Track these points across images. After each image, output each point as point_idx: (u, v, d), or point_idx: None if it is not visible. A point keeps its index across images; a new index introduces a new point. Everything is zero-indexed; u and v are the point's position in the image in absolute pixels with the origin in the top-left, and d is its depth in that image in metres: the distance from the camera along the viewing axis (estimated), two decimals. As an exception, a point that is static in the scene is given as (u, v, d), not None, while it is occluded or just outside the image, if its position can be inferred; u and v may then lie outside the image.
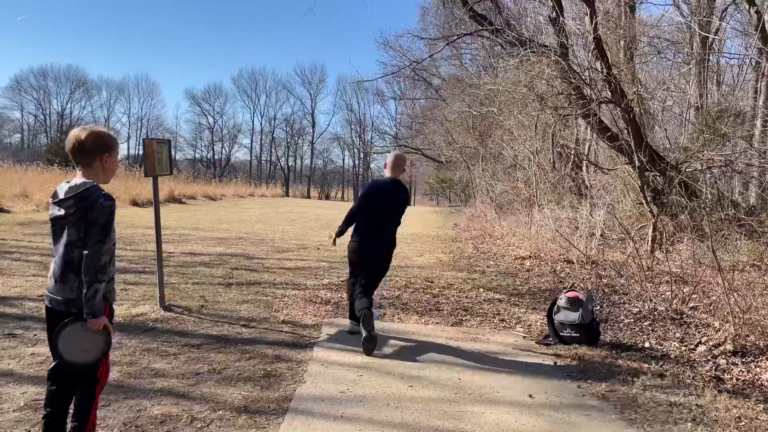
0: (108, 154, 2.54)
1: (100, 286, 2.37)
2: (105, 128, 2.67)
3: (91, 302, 2.36)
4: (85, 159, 2.49)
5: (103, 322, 2.40)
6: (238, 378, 3.72)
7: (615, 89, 10.09)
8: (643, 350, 4.82)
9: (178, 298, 5.81)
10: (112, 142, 2.58)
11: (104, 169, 2.54)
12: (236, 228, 13.50)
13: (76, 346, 2.41)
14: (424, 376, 3.93)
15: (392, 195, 4.90)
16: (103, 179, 2.56)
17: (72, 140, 2.48)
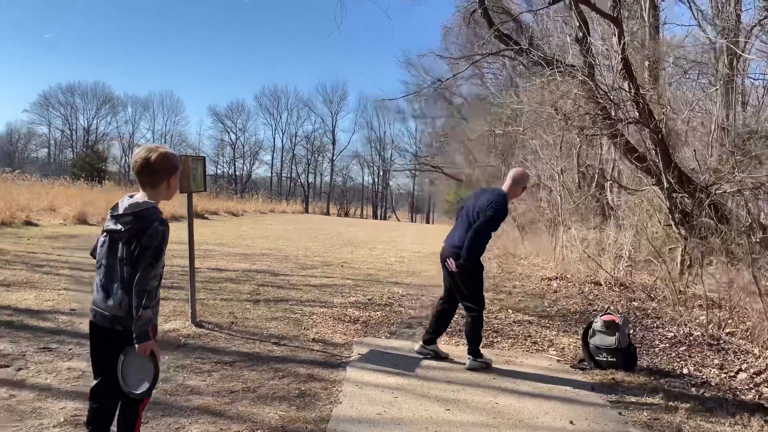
0: (175, 174, 2.56)
1: (146, 312, 2.36)
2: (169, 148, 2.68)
3: (138, 326, 2.35)
4: (152, 179, 2.51)
5: (150, 346, 2.39)
6: (273, 397, 3.69)
7: (643, 109, 10.00)
8: (682, 377, 4.70)
9: (207, 314, 5.81)
10: (178, 162, 2.60)
11: (169, 188, 2.57)
12: (259, 244, 13.55)
13: (136, 374, 2.41)
14: (461, 399, 3.87)
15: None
16: (166, 197, 2.58)
17: (140, 161, 2.48)
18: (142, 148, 2.55)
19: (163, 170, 2.51)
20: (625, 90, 10.60)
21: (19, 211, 13.99)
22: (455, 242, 4.58)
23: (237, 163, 63.76)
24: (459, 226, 4.67)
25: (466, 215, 4.66)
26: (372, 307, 6.73)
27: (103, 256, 2.50)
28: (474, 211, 4.57)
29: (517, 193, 4.75)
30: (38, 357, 4.15)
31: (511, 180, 4.70)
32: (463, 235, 4.51)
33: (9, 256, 8.73)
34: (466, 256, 4.47)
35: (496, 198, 4.53)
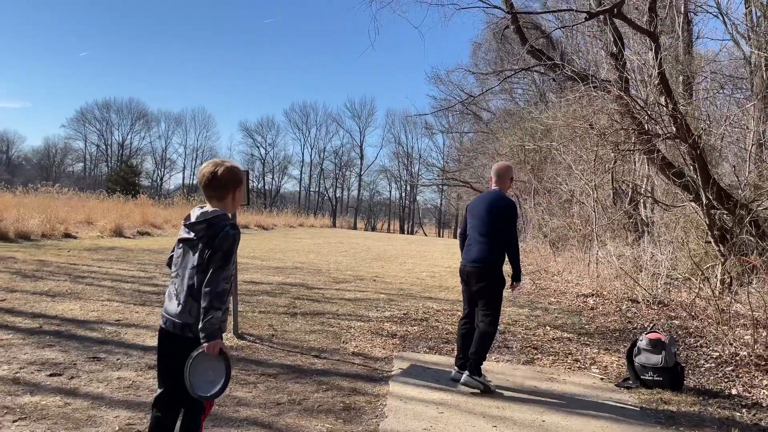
0: (239, 187, 2.65)
1: (216, 313, 2.41)
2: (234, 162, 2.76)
3: (206, 326, 2.40)
4: (219, 192, 2.59)
5: (219, 345, 2.44)
6: (318, 410, 3.71)
7: (680, 125, 9.86)
8: (731, 397, 4.58)
9: (248, 327, 5.88)
10: (242, 175, 2.68)
11: (234, 200, 2.64)
12: (291, 257, 13.67)
13: (204, 377, 2.44)
14: (507, 416, 3.83)
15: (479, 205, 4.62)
16: (231, 209, 2.65)
17: (208, 174, 2.57)
18: (209, 162, 2.63)
19: (229, 183, 2.60)
20: (662, 105, 10.48)
21: (59, 224, 14.38)
22: (474, 257, 4.44)
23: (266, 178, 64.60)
24: (473, 241, 4.51)
25: (477, 226, 4.50)
26: (408, 322, 6.72)
27: (178, 266, 2.58)
28: (483, 219, 4.43)
29: (508, 186, 4.63)
30: (89, 366, 4.24)
31: (496, 176, 4.60)
32: (483, 249, 4.39)
33: (52, 267, 8.96)
34: (516, 270, 4.48)
35: (500, 199, 4.46)
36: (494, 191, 4.60)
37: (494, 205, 4.43)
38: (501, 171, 4.64)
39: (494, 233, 4.39)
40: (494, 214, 4.39)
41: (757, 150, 12.92)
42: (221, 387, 2.50)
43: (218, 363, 2.47)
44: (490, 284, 4.40)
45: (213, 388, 2.48)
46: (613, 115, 11.00)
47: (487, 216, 4.41)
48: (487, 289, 4.41)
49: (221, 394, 2.54)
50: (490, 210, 4.42)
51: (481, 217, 4.47)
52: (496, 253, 4.39)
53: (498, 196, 4.51)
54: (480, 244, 4.43)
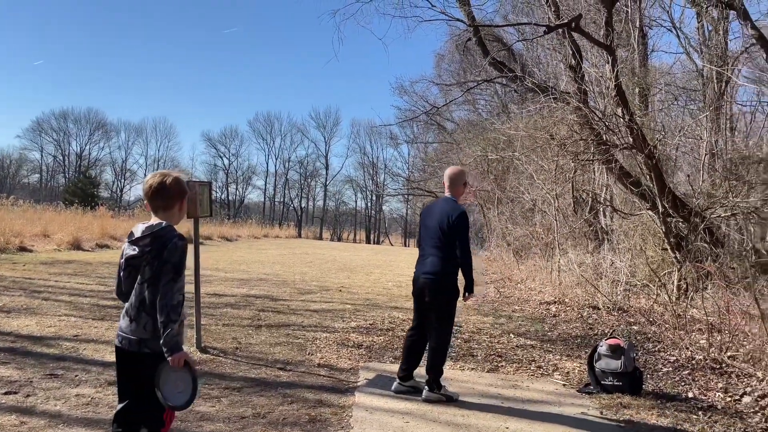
0: (185, 198, 2.65)
1: (174, 325, 2.41)
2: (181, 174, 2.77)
3: (167, 339, 2.39)
4: (166, 203, 2.58)
5: (183, 356, 2.44)
6: (284, 423, 3.68)
7: (637, 135, 10.17)
8: (688, 400, 4.72)
9: (211, 340, 5.79)
10: (187, 187, 2.69)
11: (181, 211, 2.64)
12: (255, 269, 13.53)
13: (174, 389, 2.44)
14: (472, 424, 3.87)
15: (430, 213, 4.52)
16: (177, 221, 2.64)
17: (155, 185, 2.56)
18: (155, 173, 2.65)
19: (176, 194, 2.61)
20: (619, 116, 10.80)
21: (13, 237, 13.91)
22: (427, 269, 4.37)
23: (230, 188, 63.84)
24: (426, 252, 4.43)
25: (429, 237, 4.41)
26: (374, 332, 6.73)
27: (128, 286, 2.55)
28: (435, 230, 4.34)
29: (461, 192, 4.54)
30: (45, 383, 4.12)
31: (449, 182, 4.51)
32: (436, 261, 4.32)
33: (6, 282, 8.67)
34: (468, 281, 4.35)
35: (450, 209, 4.33)
36: (446, 199, 4.50)
37: (446, 215, 4.31)
38: (453, 176, 4.54)
39: (447, 245, 4.30)
40: (445, 225, 4.28)
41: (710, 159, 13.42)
42: (191, 396, 2.52)
43: (185, 374, 2.48)
44: (443, 296, 4.32)
45: (185, 398, 2.50)
46: (572, 125, 11.27)
47: (439, 227, 4.32)
48: (440, 301, 4.33)
49: (192, 402, 2.55)
50: (441, 221, 4.32)
51: (433, 228, 4.37)
52: (449, 264, 4.30)
53: (450, 206, 4.39)
54: (433, 256, 4.36)
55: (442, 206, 4.46)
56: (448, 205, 4.43)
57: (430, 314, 4.41)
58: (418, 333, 4.51)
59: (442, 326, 4.37)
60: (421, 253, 4.52)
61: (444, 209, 4.40)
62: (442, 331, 4.37)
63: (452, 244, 4.29)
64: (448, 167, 4.80)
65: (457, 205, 4.43)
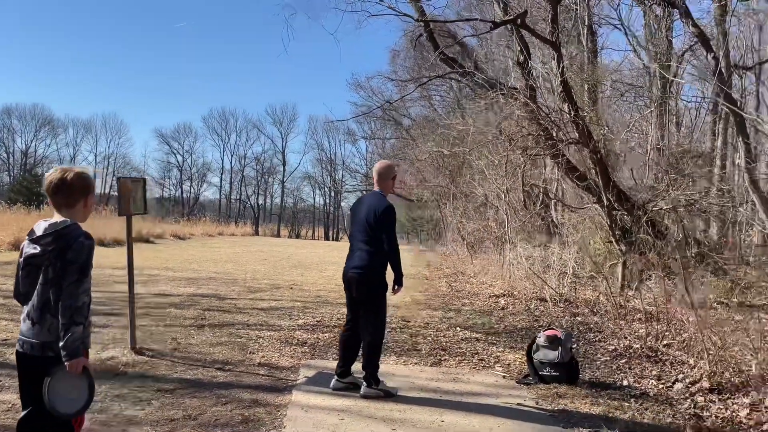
0: (90, 194, 2.53)
1: (77, 329, 2.29)
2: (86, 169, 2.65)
3: (68, 343, 2.28)
4: (69, 199, 2.46)
5: (82, 363, 2.32)
6: (215, 424, 3.59)
7: (582, 130, 10.37)
8: (622, 388, 4.83)
9: (149, 341, 5.62)
10: (92, 182, 2.58)
11: (86, 208, 2.52)
12: (206, 268, 13.26)
13: (65, 395, 2.32)
14: (407, 418, 3.86)
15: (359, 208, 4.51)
16: (82, 218, 2.52)
17: (56, 181, 2.43)
18: (56, 169, 2.52)
19: (79, 190, 2.48)
20: (565, 111, 11.00)
21: (-51, 238, 13.27)
22: (355, 263, 4.37)
23: (184, 186, 62.49)
24: (355, 247, 4.44)
25: (357, 231, 4.41)
26: (320, 329, 6.66)
27: (26, 286, 2.42)
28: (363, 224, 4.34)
29: (389, 186, 4.53)
30: (-38, 391, 3.91)
31: (377, 176, 4.50)
32: (363, 256, 4.32)
33: (-66, 286, 8.24)
34: (398, 274, 4.36)
35: (377, 203, 4.33)
36: (375, 194, 4.49)
37: (373, 210, 4.30)
38: (382, 171, 4.51)
39: (374, 239, 4.29)
40: (372, 220, 4.28)
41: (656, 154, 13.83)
42: (84, 404, 2.40)
43: (81, 381, 2.36)
44: (371, 291, 4.32)
45: (76, 406, 2.38)
46: (520, 121, 11.42)
47: (366, 222, 4.31)
48: (369, 295, 4.33)
49: (84, 411, 2.45)
50: (368, 215, 4.32)
51: (361, 223, 4.37)
52: (377, 259, 4.29)
53: (377, 200, 4.37)
54: (361, 251, 4.35)
55: (370, 200, 4.46)
56: (375, 199, 4.42)
57: (360, 309, 4.41)
58: (352, 328, 4.49)
59: (374, 321, 4.37)
60: (351, 247, 4.51)
61: (371, 203, 4.39)
62: (374, 326, 4.36)
63: (380, 238, 4.29)
64: (378, 161, 4.78)
65: (384, 199, 4.43)
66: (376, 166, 4.62)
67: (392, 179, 4.57)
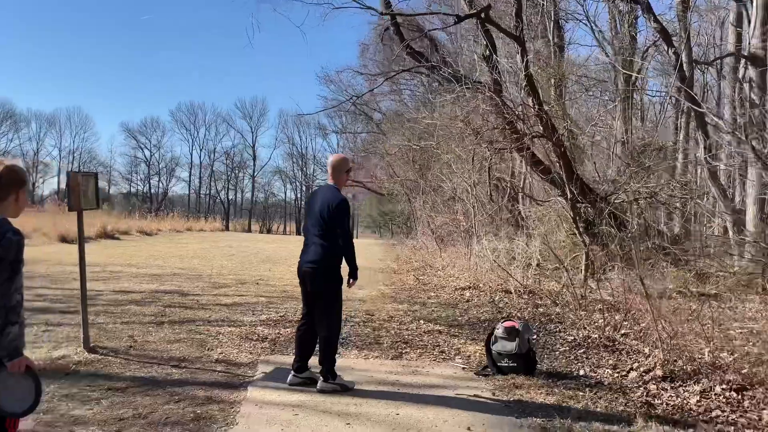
0: (22, 189, 2.44)
1: (13, 328, 2.23)
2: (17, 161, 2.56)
3: (6, 344, 2.22)
4: None
5: (24, 362, 2.27)
6: (165, 422, 3.53)
7: (546, 124, 10.47)
8: (578, 378, 4.90)
9: (104, 339, 5.51)
10: (26, 176, 2.50)
11: (17, 203, 2.43)
12: (171, 264, 13.05)
13: (11, 395, 2.26)
14: (363, 412, 3.85)
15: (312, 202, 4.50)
16: (14, 214, 2.43)
17: None
18: None
19: (9, 184, 2.40)
20: (530, 105, 11.10)
21: None
22: (310, 257, 4.36)
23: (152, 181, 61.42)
24: (309, 241, 4.41)
25: (312, 225, 4.40)
26: (283, 324, 6.61)
27: None
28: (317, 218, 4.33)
29: (343, 180, 4.53)
30: None
31: (331, 170, 4.50)
32: (317, 250, 4.31)
33: None
34: (352, 267, 4.38)
35: (331, 197, 4.33)
36: (329, 187, 4.48)
37: (327, 204, 4.30)
38: (335, 164, 4.51)
39: (329, 233, 4.28)
40: (326, 213, 4.27)
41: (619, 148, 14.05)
42: (32, 404, 2.36)
43: (25, 380, 2.31)
44: (326, 285, 4.31)
45: (24, 405, 2.34)
46: (486, 115, 11.49)
47: (321, 216, 4.31)
48: (324, 289, 4.33)
49: (32, 410, 2.40)
50: (322, 209, 4.31)
51: (315, 217, 4.36)
52: (331, 253, 4.29)
53: (331, 194, 4.37)
54: (315, 245, 4.34)
55: (324, 194, 4.45)
56: (329, 192, 4.41)
57: (315, 303, 4.39)
58: (308, 322, 4.48)
59: (329, 315, 4.35)
60: (305, 241, 4.49)
61: (326, 197, 4.38)
62: (330, 320, 4.35)
63: (334, 232, 4.29)
64: (332, 155, 4.77)
65: (338, 193, 4.43)
66: (330, 158, 4.62)
67: (346, 173, 4.57)
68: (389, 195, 29.29)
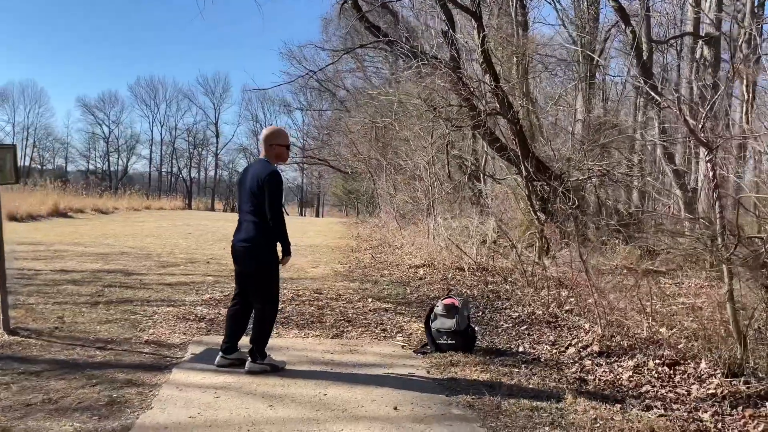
0: None
1: None
2: None
3: None
4: None
5: None
6: (75, 407, 3.34)
7: (502, 101, 10.40)
8: (515, 354, 4.87)
9: (30, 320, 5.26)
10: None
11: None
12: (123, 242, 12.67)
13: None
14: (289, 393, 3.73)
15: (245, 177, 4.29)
16: None
17: None
18: None
19: None
20: (486, 83, 11.00)
21: None
22: (242, 236, 4.20)
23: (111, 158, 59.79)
24: (241, 218, 4.25)
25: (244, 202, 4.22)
26: (224, 304, 6.41)
27: None
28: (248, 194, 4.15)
29: (276, 154, 4.30)
30: None
31: (263, 142, 4.29)
32: (249, 228, 4.14)
33: None
34: (284, 245, 4.21)
35: (261, 170, 4.14)
36: (259, 161, 4.29)
37: (256, 178, 4.10)
38: (266, 137, 4.31)
39: (260, 209, 4.09)
40: (256, 187, 4.08)
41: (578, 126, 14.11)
42: None
43: None
44: (260, 264, 4.15)
45: None
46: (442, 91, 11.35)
47: (250, 191, 4.12)
48: (257, 269, 4.16)
49: None
50: (252, 184, 4.12)
51: (246, 193, 4.17)
52: (263, 230, 4.11)
53: (261, 167, 4.17)
54: (247, 222, 4.17)
55: (255, 168, 4.25)
56: (260, 165, 4.22)
57: (249, 283, 4.23)
58: (240, 302, 4.33)
59: (264, 294, 4.19)
60: (239, 219, 4.30)
61: (256, 171, 4.19)
62: (265, 299, 4.19)
63: (264, 208, 4.09)
64: (265, 128, 4.54)
65: (269, 165, 4.22)
66: (263, 132, 4.41)
67: (280, 146, 4.33)
68: (353, 173, 29.08)
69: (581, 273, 6.91)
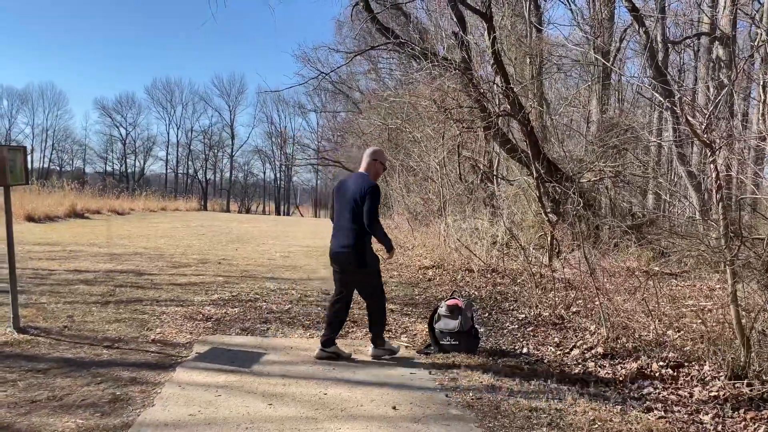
0: None
1: None
2: None
3: None
4: None
5: None
6: (79, 405, 3.41)
7: (513, 102, 10.37)
8: (519, 356, 4.86)
9: (40, 319, 5.35)
10: None
11: None
12: (137, 243, 12.83)
13: None
14: (289, 393, 3.76)
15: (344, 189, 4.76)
16: None
17: None
18: None
19: None
20: (497, 84, 10.98)
21: None
22: (343, 242, 4.60)
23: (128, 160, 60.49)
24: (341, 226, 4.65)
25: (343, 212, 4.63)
26: (231, 304, 6.50)
27: None
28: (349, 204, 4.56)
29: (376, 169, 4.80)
30: None
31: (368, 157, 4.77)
32: (350, 235, 4.54)
33: None
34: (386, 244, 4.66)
35: (364, 183, 4.56)
36: (360, 174, 4.69)
37: (359, 189, 4.51)
38: (372, 152, 4.82)
39: (359, 217, 4.49)
40: (359, 198, 4.49)
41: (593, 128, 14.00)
42: None
43: None
44: (364, 265, 4.58)
45: None
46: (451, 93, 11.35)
47: (353, 201, 4.51)
48: (362, 270, 4.60)
49: None
50: (355, 194, 4.52)
51: (347, 203, 4.55)
52: (362, 236, 4.53)
53: (363, 182, 4.58)
54: (346, 229, 4.56)
55: (356, 180, 4.65)
56: (362, 179, 4.62)
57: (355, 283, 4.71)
58: (341, 301, 4.74)
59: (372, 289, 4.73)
60: (335, 226, 4.72)
61: (359, 184, 4.58)
62: (374, 293, 4.75)
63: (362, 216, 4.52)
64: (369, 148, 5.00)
65: (370, 179, 4.65)
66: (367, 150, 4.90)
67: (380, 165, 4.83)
68: (367, 175, 29.09)
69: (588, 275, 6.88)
